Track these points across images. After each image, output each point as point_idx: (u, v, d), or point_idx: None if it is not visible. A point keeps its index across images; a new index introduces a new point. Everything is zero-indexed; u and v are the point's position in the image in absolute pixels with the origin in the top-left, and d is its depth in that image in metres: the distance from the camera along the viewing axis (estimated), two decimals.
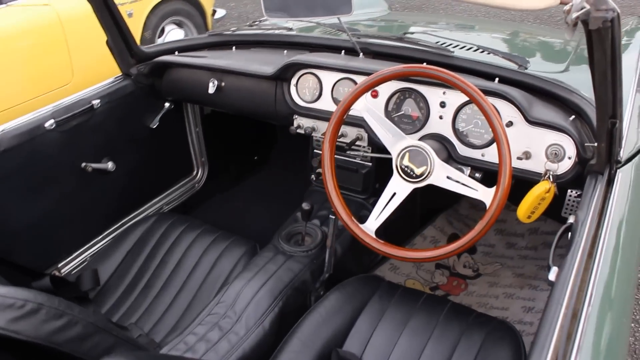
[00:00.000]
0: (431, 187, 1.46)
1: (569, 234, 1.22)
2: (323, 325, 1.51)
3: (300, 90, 1.87)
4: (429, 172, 1.44)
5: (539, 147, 1.49)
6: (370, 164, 1.96)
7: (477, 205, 2.54)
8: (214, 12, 4.99)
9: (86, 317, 1.04)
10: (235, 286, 1.65)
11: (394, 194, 1.50)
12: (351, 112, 1.56)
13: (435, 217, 2.43)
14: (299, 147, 2.81)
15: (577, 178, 1.46)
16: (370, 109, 1.52)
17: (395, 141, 1.49)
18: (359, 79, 1.74)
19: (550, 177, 1.46)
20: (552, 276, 1.09)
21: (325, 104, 1.84)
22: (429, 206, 2.41)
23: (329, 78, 1.81)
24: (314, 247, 1.80)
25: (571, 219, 1.25)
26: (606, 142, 1.27)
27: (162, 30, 4.59)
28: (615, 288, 1.06)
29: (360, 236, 1.50)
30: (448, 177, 1.44)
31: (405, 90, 1.67)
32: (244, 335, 1.52)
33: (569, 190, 2.08)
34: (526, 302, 2.04)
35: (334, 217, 1.69)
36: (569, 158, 1.46)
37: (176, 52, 2.19)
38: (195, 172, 2.61)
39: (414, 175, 1.46)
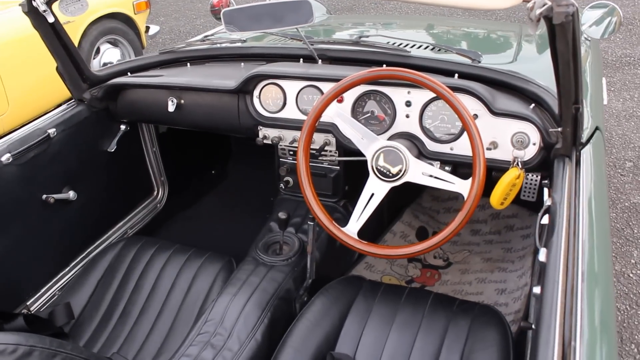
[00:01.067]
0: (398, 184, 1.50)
1: (547, 215, 1.29)
2: (313, 331, 1.53)
3: (263, 102, 1.88)
4: (404, 170, 1.49)
5: (505, 136, 1.57)
6: (338, 167, 1.99)
7: (439, 197, 2.63)
8: (148, 28, 4.91)
9: (79, 354, 1.03)
10: (221, 303, 1.64)
11: (372, 194, 1.54)
12: (323, 118, 1.59)
13: (402, 213, 2.50)
14: (255, 157, 2.82)
15: (543, 162, 1.54)
16: (341, 114, 1.55)
17: (369, 143, 1.53)
18: (323, 86, 1.77)
19: (519, 163, 1.54)
20: (542, 257, 1.15)
21: (290, 112, 1.85)
22: (394, 203, 2.47)
23: (292, 87, 1.82)
24: (293, 255, 1.81)
25: (548, 202, 1.32)
26: (571, 126, 1.36)
27: (97, 51, 4.47)
28: (597, 261, 1.13)
29: (344, 240, 1.53)
30: (424, 174, 1.49)
31: (369, 92, 1.71)
32: (237, 350, 1.52)
33: (528, 174, 2.19)
34: (498, 285, 2.13)
35: (312, 223, 1.71)
36: (534, 144, 1.54)
37: (128, 73, 2.14)
38: (156, 192, 2.56)
39: (391, 174, 1.50)
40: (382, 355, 1.49)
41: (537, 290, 1.34)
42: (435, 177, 1.48)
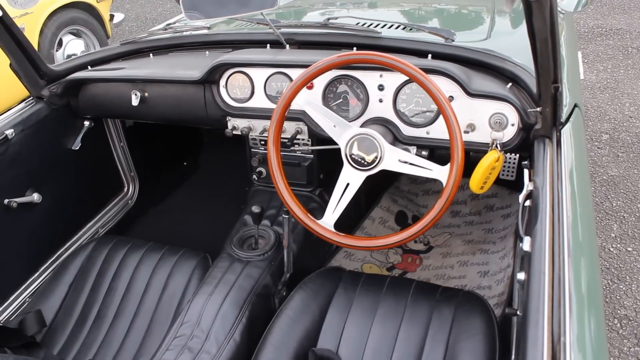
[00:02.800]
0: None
1: (529, 200, 1.25)
2: (293, 327, 1.48)
3: (230, 91, 1.80)
4: (380, 158, 1.43)
5: (482, 118, 1.52)
6: (311, 156, 1.93)
7: (417, 179, 2.58)
8: (112, 16, 4.76)
9: None
10: (196, 303, 1.58)
11: (348, 184, 1.48)
12: (293, 106, 1.52)
13: (379, 198, 2.45)
14: (227, 148, 2.74)
15: (523, 143, 1.50)
16: (311, 102, 1.49)
17: (342, 131, 1.46)
18: (292, 72, 1.70)
19: (498, 145, 1.50)
20: (526, 246, 1.10)
21: (259, 101, 1.78)
22: (371, 188, 2.42)
23: (259, 75, 1.75)
24: (269, 249, 1.75)
25: (530, 186, 1.28)
26: (551, 106, 1.31)
27: (60, 43, 4.31)
28: (583, 247, 1.09)
29: (320, 233, 1.47)
30: (400, 161, 1.43)
31: (340, 77, 1.65)
32: (216, 352, 1.46)
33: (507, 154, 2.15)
34: (481, 267, 2.10)
35: (287, 216, 1.65)
36: (512, 125, 1.50)
37: (89, 67, 2.04)
38: (126, 189, 2.47)
39: (365, 163, 1.44)
40: (365, 349, 1.45)
41: (521, 276, 1.30)
42: (412, 164, 1.43)
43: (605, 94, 3.78)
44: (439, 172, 1.39)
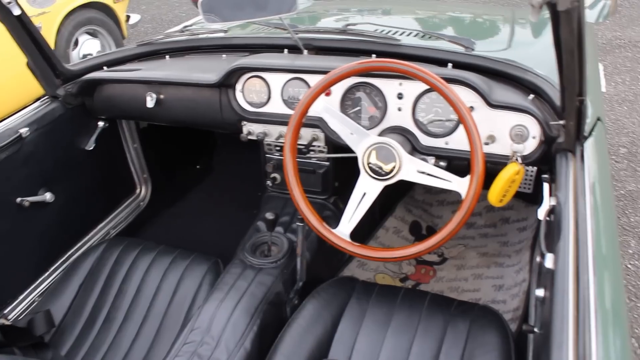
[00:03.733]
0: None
1: (552, 216, 1.22)
2: (304, 337, 1.46)
3: (247, 95, 1.78)
4: (398, 168, 1.41)
5: (503, 129, 1.49)
6: (327, 163, 1.91)
7: (431, 189, 2.55)
8: (128, 17, 4.78)
9: None
10: (207, 310, 1.56)
11: (364, 194, 1.45)
12: (310, 112, 1.50)
13: (394, 207, 2.42)
14: (241, 152, 2.72)
15: (544, 157, 1.47)
16: (329, 108, 1.46)
17: (359, 139, 1.44)
18: (309, 78, 1.68)
19: (518, 158, 1.46)
20: (549, 264, 1.07)
21: (276, 106, 1.76)
22: (385, 197, 2.40)
23: (276, 80, 1.73)
24: (282, 257, 1.73)
25: (552, 201, 1.25)
26: (575, 120, 1.28)
27: (76, 43, 4.33)
28: (607, 266, 1.06)
29: (336, 242, 1.45)
30: (418, 171, 1.41)
31: (359, 85, 1.62)
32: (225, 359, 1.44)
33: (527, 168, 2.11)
34: (495, 281, 2.06)
35: (301, 224, 1.62)
36: (534, 138, 1.47)
37: (104, 67, 2.04)
38: (138, 191, 2.47)
39: (383, 172, 1.42)
40: (378, 356, 1.42)
41: (540, 293, 1.27)
42: (431, 175, 1.40)
43: (624, 107, 3.73)
44: (459, 184, 1.36)
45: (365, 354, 1.44)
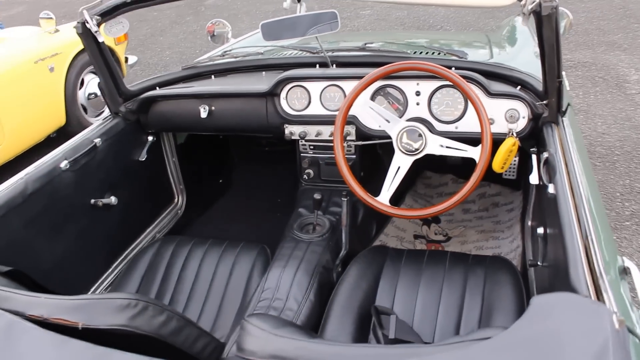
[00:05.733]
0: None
1: (548, 165, 1.63)
2: (354, 291, 1.78)
3: (290, 102, 2.16)
4: (424, 145, 1.81)
5: (500, 113, 1.91)
6: (354, 156, 2.28)
7: (430, 185, 2.97)
8: (127, 59, 5.11)
9: (177, 313, 1.17)
10: (273, 275, 1.88)
11: (399, 168, 1.85)
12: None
13: (403, 198, 2.81)
14: (254, 168, 3.09)
15: (532, 131, 1.90)
16: (369, 101, 1.87)
17: (393, 125, 1.85)
18: (343, 84, 2.07)
19: (514, 134, 1.89)
20: (552, 190, 1.47)
21: (315, 109, 2.15)
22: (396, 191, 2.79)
23: (315, 87, 2.12)
24: (326, 232, 2.08)
25: (546, 154, 1.66)
26: (556, 97, 1.72)
27: (82, 82, 4.63)
28: (590, 186, 1.47)
29: (380, 207, 1.83)
30: (441, 145, 1.82)
31: (384, 86, 2.03)
32: (297, 309, 1.77)
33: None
34: (494, 250, 2.46)
35: (346, 199, 2.00)
36: (524, 117, 1.90)
37: (157, 88, 2.38)
38: (176, 200, 2.76)
39: (413, 149, 1.82)
40: (415, 306, 1.75)
41: (540, 230, 1.68)
42: (451, 148, 1.81)
43: (580, 116, 4.27)
44: (473, 152, 1.77)
45: (404, 301, 1.76)
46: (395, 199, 2.77)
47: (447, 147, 1.82)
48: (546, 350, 0.76)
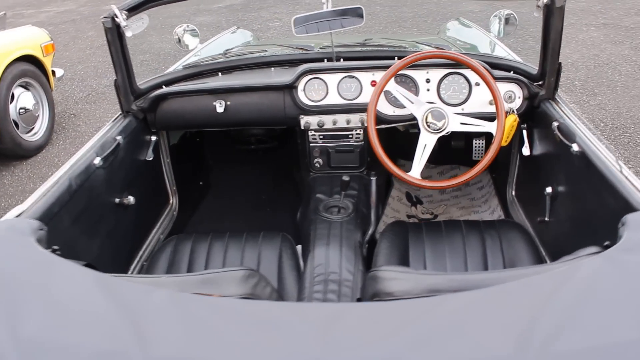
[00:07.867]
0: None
1: (561, 131, 1.95)
2: (390, 257, 1.98)
3: (307, 93, 2.31)
4: (447, 123, 2.06)
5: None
6: (362, 142, 2.47)
7: (427, 178, 3.25)
8: (54, 72, 4.90)
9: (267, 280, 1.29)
10: (319, 254, 1.98)
11: (425, 145, 2.08)
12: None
13: (390, 188, 3.05)
14: (231, 169, 3.16)
15: (528, 110, 2.22)
16: (397, 86, 2.09)
17: (418, 106, 2.08)
18: (360, 74, 2.26)
19: (514, 111, 2.20)
20: (577, 148, 1.78)
21: (333, 99, 2.31)
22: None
23: (332, 79, 2.28)
24: (351, 212, 2.25)
25: (556, 123, 1.97)
26: (555, 77, 2.05)
27: (12, 97, 4.38)
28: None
29: (413, 181, 2.04)
30: (461, 123, 2.08)
31: (397, 76, 2.25)
32: (352, 279, 1.91)
33: (474, 140, 2.90)
34: None
35: (374, 178, 2.19)
36: (519, 97, 2.21)
37: (163, 86, 2.40)
38: (171, 201, 2.75)
39: (438, 127, 2.06)
40: (446, 264, 1.99)
41: (549, 190, 1.99)
42: (470, 124, 2.08)
43: None
44: (490, 126, 2.05)
45: (434, 262, 1.97)
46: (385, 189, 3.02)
47: (466, 123, 2.08)
48: None
